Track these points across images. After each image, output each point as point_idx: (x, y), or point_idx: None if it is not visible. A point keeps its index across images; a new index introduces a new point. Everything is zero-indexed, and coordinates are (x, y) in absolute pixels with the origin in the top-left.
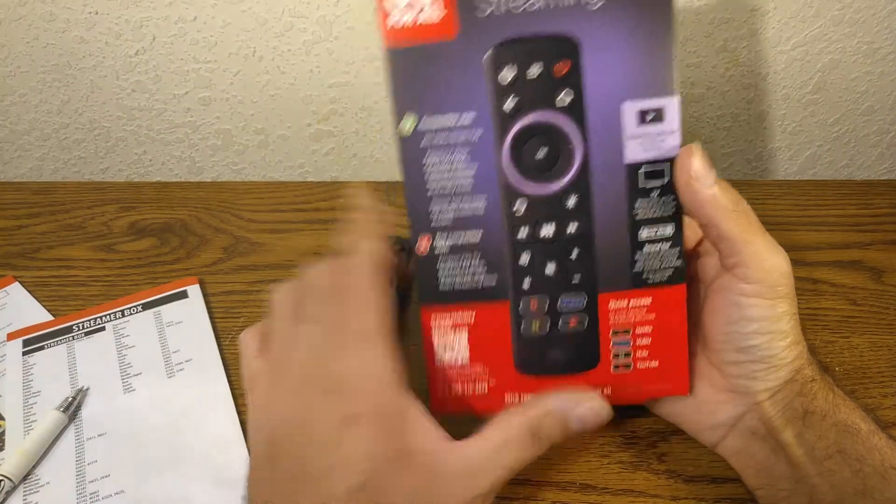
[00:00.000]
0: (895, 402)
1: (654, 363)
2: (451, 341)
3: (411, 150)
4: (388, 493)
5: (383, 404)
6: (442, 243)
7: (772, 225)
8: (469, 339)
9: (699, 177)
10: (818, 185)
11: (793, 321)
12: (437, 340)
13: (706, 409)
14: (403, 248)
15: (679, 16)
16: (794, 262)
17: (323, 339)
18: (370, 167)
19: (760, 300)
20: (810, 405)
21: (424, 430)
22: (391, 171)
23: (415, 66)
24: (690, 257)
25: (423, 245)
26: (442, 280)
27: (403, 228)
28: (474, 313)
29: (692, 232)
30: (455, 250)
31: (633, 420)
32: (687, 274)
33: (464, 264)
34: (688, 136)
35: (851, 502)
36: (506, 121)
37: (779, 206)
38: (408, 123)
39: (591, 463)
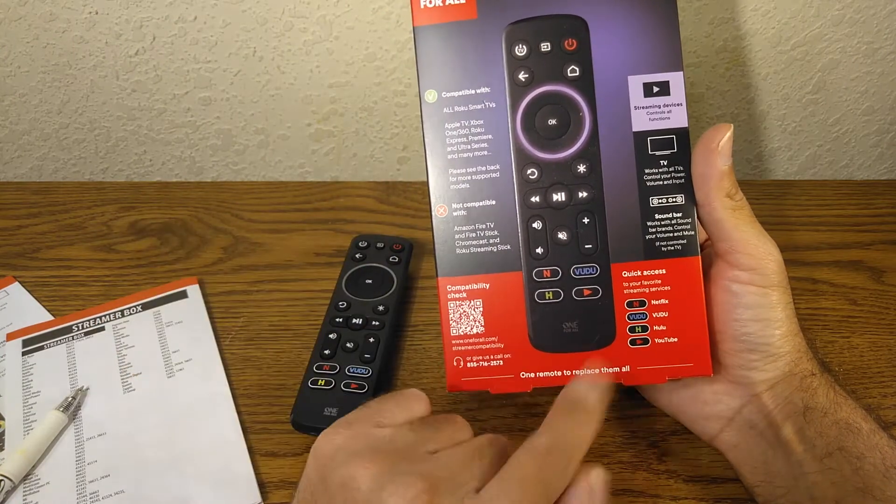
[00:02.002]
0: (895, 402)
1: (673, 339)
2: (466, 312)
3: (434, 117)
4: None
5: None
6: (458, 210)
7: (772, 225)
8: (484, 309)
9: (721, 152)
10: (818, 185)
11: (787, 311)
12: (452, 311)
13: (704, 400)
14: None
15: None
16: (795, 262)
17: None
18: (370, 167)
19: (753, 287)
20: (811, 401)
21: None
22: (391, 170)
23: (440, 42)
24: None
25: (440, 212)
26: (458, 248)
27: (399, 228)
28: (489, 284)
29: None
30: (470, 218)
31: (633, 420)
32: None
33: (479, 233)
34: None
35: (851, 501)
36: (520, 91)
37: (779, 206)
38: (432, 93)
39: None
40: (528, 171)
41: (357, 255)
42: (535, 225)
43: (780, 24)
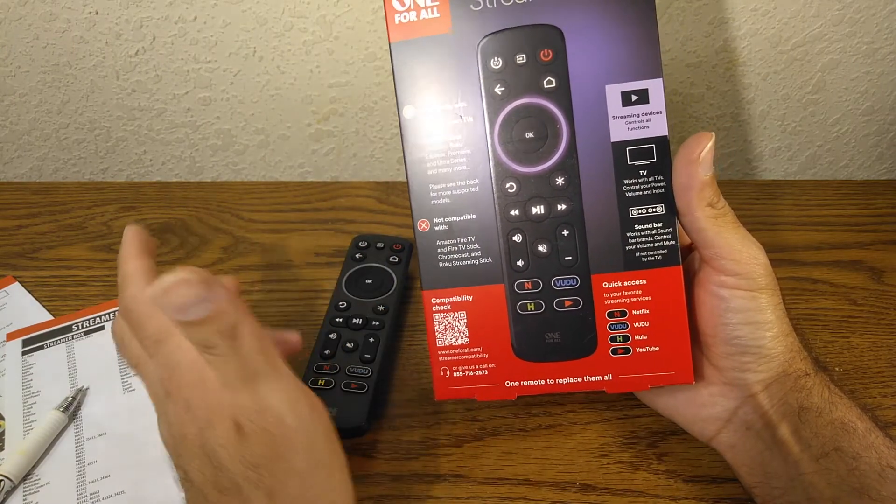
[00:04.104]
0: (895, 402)
1: (655, 348)
2: (451, 324)
3: (413, 133)
4: None
5: None
6: (440, 224)
7: (772, 225)
8: (468, 321)
9: (702, 162)
10: (818, 185)
11: (777, 312)
12: (437, 323)
13: (700, 402)
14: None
15: (679, 14)
16: (795, 262)
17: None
18: (370, 167)
19: (741, 291)
20: (806, 401)
21: None
22: (391, 171)
23: (416, 57)
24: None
25: (422, 227)
26: (441, 261)
27: (399, 228)
28: (472, 296)
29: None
30: (452, 232)
31: (633, 420)
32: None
33: (460, 246)
34: (688, 137)
35: (848, 500)
36: (496, 104)
37: (779, 206)
38: (410, 109)
39: (591, 463)
40: (507, 185)
41: (357, 255)
42: (515, 238)
43: (780, 24)
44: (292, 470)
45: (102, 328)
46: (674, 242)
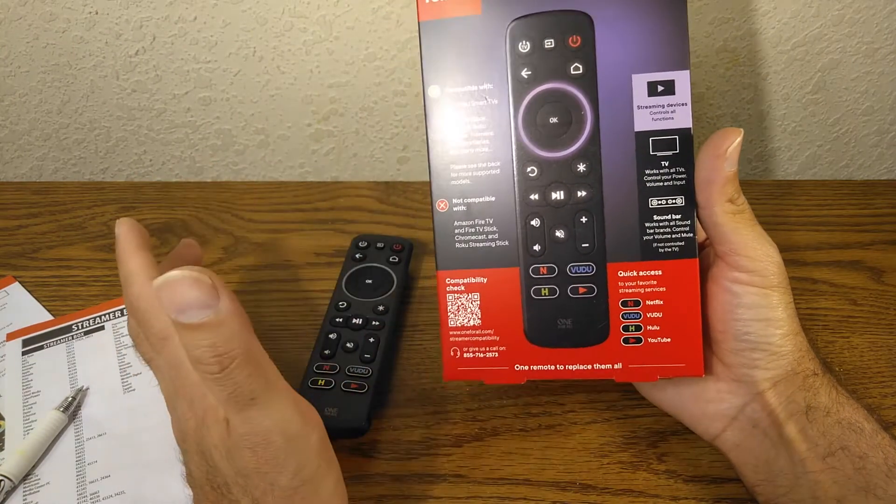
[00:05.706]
0: (895, 402)
1: (666, 339)
2: (464, 305)
3: (437, 113)
4: None
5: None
6: (459, 205)
7: (772, 225)
8: (481, 303)
9: (728, 157)
10: (818, 185)
11: (788, 311)
12: (450, 303)
13: (707, 398)
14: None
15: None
16: (794, 262)
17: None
18: (370, 167)
19: (753, 288)
20: (813, 400)
21: None
22: (391, 171)
23: (444, 37)
24: None
25: (441, 207)
26: (457, 242)
27: (399, 228)
28: (486, 278)
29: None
30: (470, 214)
31: (633, 420)
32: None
33: (478, 228)
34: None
35: (853, 499)
36: (522, 88)
37: (779, 206)
38: (435, 88)
39: (591, 463)
40: (528, 169)
41: (357, 255)
42: (533, 222)
43: (780, 24)
44: (276, 485)
45: (102, 328)
46: (692, 235)
